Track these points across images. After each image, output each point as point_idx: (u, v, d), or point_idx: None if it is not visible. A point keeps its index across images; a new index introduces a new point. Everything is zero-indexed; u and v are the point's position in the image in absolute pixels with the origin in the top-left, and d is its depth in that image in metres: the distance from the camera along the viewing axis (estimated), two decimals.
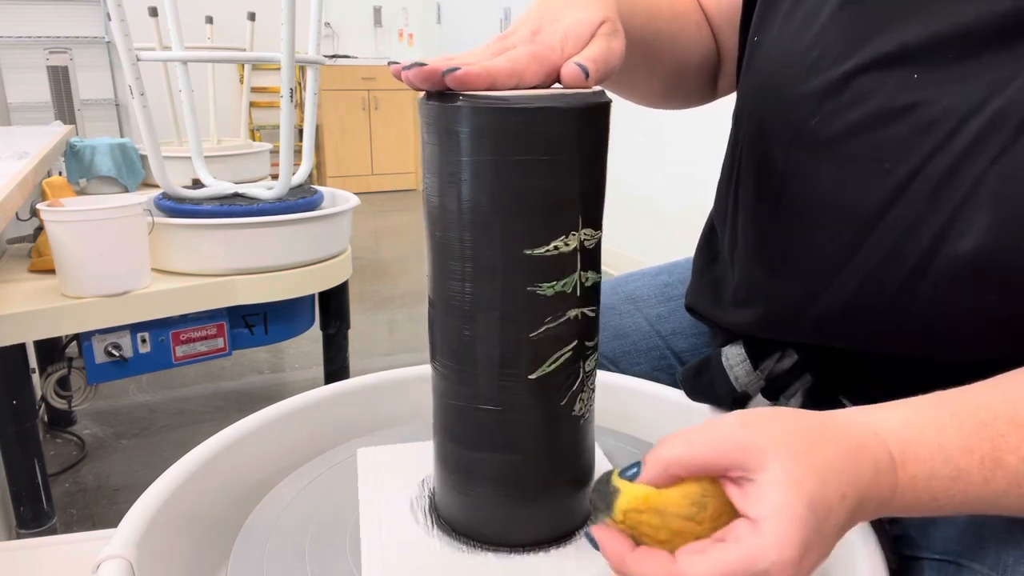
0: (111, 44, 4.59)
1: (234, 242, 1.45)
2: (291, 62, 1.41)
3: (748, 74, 0.58)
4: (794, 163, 0.52)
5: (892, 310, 0.48)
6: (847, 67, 0.48)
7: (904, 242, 0.46)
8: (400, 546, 0.47)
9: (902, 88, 0.45)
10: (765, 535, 0.33)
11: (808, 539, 0.34)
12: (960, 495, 0.38)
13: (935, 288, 0.45)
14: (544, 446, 0.45)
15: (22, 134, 1.88)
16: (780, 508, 0.34)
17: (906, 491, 0.38)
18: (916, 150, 0.45)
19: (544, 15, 0.46)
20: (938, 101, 0.44)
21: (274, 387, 2.13)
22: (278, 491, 0.55)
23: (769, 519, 0.34)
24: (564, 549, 0.47)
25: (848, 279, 0.49)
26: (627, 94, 0.67)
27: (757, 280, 0.57)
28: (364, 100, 5.23)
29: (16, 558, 0.74)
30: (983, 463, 0.38)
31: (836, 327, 0.51)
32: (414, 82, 0.40)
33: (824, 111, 0.49)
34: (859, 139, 0.47)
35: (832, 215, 0.49)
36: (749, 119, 0.57)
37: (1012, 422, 0.38)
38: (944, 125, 0.44)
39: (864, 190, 0.47)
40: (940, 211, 0.44)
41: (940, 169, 0.44)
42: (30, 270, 1.44)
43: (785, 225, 0.53)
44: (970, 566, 0.44)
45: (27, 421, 1.29)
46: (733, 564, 0.34)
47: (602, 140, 0.43)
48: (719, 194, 0.65)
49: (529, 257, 0.41)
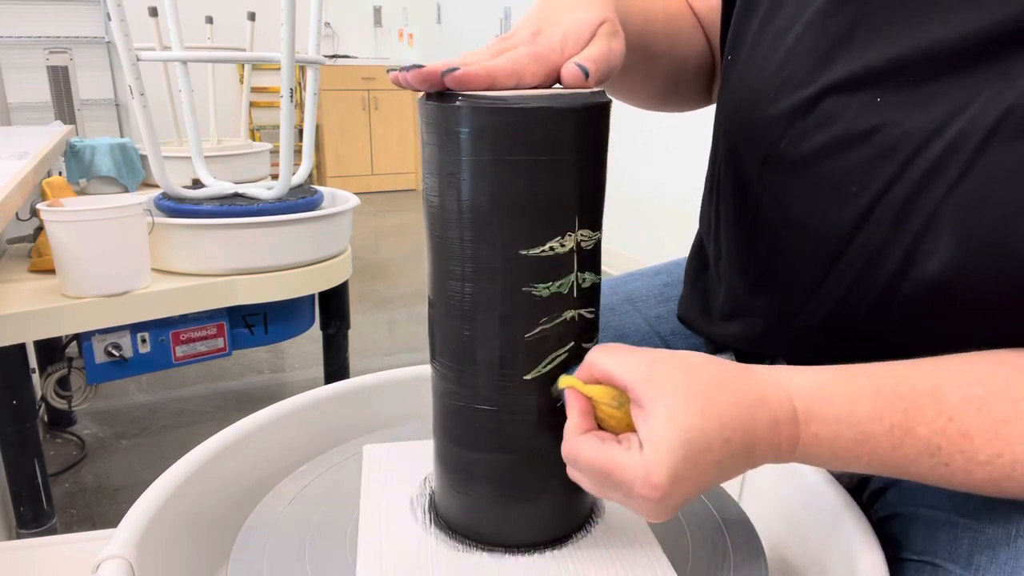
0: (111, 44, 4.59)
1: (234, 242, 1.45)
2: (291, 62, 1.41)
3: (723, 93, 0.58)
4: (767, 185, 0.52)
5: (867, 330, 0.49)
6: (813, 90, 0.48)
7: (872, 266, 0.46)
8: (396, 543, 0.47)
9: (865, 111, 0.45)
10: (639, 456, 0.39)
11: (678, 470, 0.38)
12: (867, 457, 0.40)
13: (906, 310, 0.46)
14: (540, 447, 0.45)
15: (22, 134, 1.88)
16: (657, 437, 0.39)
17: (808, 446, 0.41)
18: (879, 175, 0.45)
19: (544, 17, 0.46)
20: (899, 124, 0.44)
21: (274, 387, 2.13)
22: (278, 491, 0.55)
23: (646, 444, 0.39)
24: (560, 551, 0.47)
25: (823, 300, 0.50)
26: (626, 97, 0.67)
27: (740, 296, 0.58)
28: (364, 100, 5.23)
29: (16, 558, 0.74)
30: (892, 431, 0.40)
31: (817, 344, 0.52)
32: (413, 83, 0.40)
33: (792, 133, 0.49)
34: (825, 163, 0.47)
35: (804, 237, 0.50)
36: (725, 138, 0.58)
37: (931, 396, 0.40)
38: (904, 150, 0.44)
39: (832, 214, 0.47)
40: (904, 235, 0.44)
41: (901, 195, 0.44)
42: (30, 270, 1.45)
43: (763, 245, 0.54)
44: (944, 566, 0.44)
45: (27, 421, 1.29)
46: (608, 465, 0.40)
47: (602, 140, 0.43)
48: (703, 206, 0.65)
49: (525, 257, 0.41)
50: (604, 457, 0.40)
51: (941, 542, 0.46)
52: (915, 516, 0.49)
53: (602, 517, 0.50)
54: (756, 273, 0.56)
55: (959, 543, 0.44)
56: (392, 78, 0.42)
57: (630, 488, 0.39)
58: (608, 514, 0.51)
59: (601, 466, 0.40)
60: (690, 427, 0.38)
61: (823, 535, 0.52)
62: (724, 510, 0.53)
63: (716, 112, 0.60)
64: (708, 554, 0.48)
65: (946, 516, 0.46)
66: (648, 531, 0.49)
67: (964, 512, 0.45)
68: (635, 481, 0.39)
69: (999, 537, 0.42)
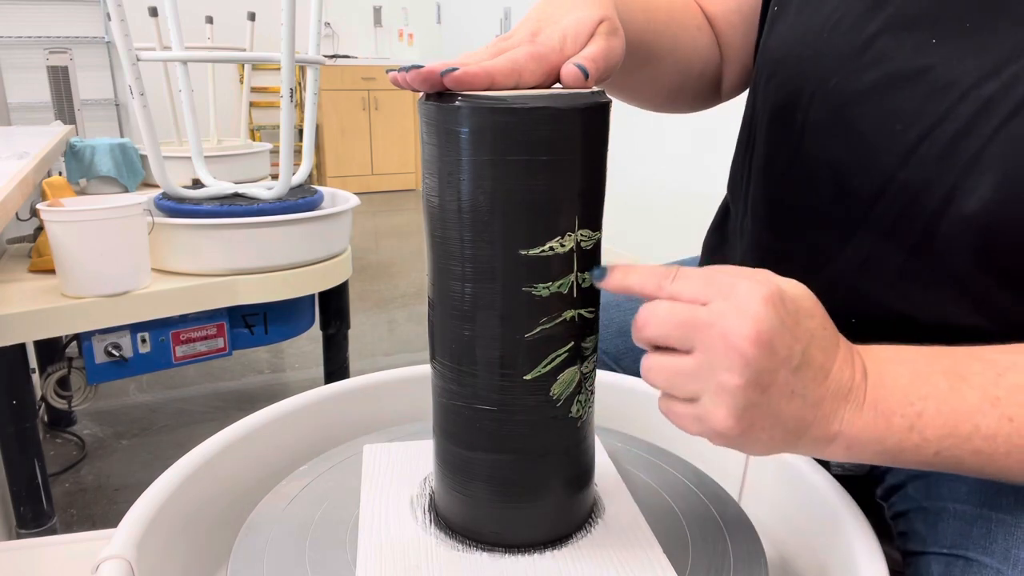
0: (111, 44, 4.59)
1: (234, 242, 1.45)
2: (291, 62, 1.41)
3: (768, 41, 0.59)
4: (812, 124, 0.52)
5: (905, 271, 0.48)
6: (870, 28, 0.49)
7: (914, 203, 0.47)
8: (396, 543, 0.47)
9: (919, 51, 0.46)
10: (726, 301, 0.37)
11: (774, 312, 0.36)
12: (933, 400, 0.39)
13: (945, 249, 0.46)
14: (540, 448, 0.45)
15: (22, 134, 1.88)
16: (749, 291, 0.37)
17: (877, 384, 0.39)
18: (929, 112, 0.46)
19: (543, 16, 0.46)
20: (954, 66, 0.45)
21: (274, 387, 2.13)
22: (278, 491, 0.55)
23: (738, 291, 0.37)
24: (560, 551, 0.47)
25: (862, 240, 0.50)
26: (630, 98, 0.67)
27: (767, 244, 0.57)
28: (364, 100, 5.23)
29: (16, 558, 0.74)
30: (946, 373, 0.39)
31: (848, 292, 0.51)
32: (412, 84, 0.40)
33: (845, 71, 0.50)
34: (875, 100, 0.48)
35: (845, 176, 0.50)
36: (768, 82, 0.58)
37: (973, 356, 0.40)
38: (958, 88, 0.44)
39: (877, 151, 0.48)
40: (949, 173, 0.45)
41: (949, 132, 0.45)
42: (30, 270, 1.45)
43: (800, 186, 0.54)
44: (979, 560, 0.44)
45: (27, 421, 1.29)
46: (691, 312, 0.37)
47: (601, 140, 0.43)
48: (734, 166, 0.65)
49: (525, 257, 0.41)
50: (687, 308, 0.38)
51: (974, 536, 0.45)
52: (943, 510, 0.49)
53: (602, 517, 0.50)
54: (790, 216, 0.55)
55: (993, 537, 0.44)
56: (391, 79, 0.42)
57: (722, 325, 0.36)
58: (608, 514, 0.51)
59: (685, 314, 0.37)
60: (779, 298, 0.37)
61: (823, 535, 0.52)
62: (724, 510, 0.53)
63: (758, 64, 0.61)
64: (708, 554, 0.48)
65: (977, 511, 0.46)
66: (648, 531, 0.49)
67: (997, 507, 0.45)
68: (727, 315, 0.36)
69: None
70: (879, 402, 0.39)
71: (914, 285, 0.49)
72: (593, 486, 0.50)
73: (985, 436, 0.38)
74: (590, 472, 0.49)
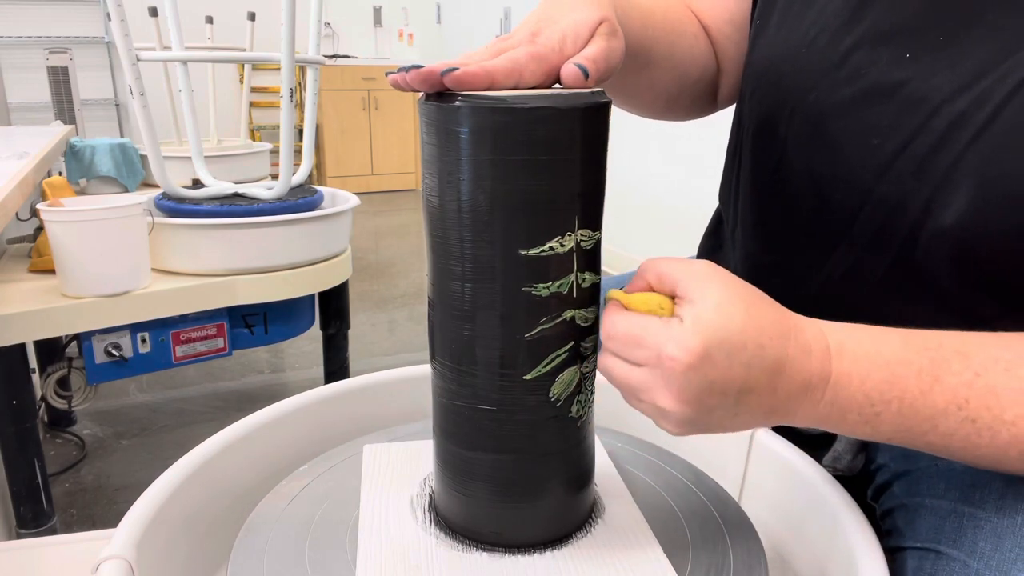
0: (111, 44, 4.59)
1: (234, 242, 1.45)
2: (291, 62, 1.41)
3: (751, 55, 0.59)
4: (793, 138, 0.53)
5: (888, 283, 0.49)
6: (846, 43, 0.49)
7: (893, 217, 0.47)
8: (396, 543, 0.47)
9: (895, 66, 0.47)
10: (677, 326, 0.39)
11: (711, 346, 0.38)
12: (896, 403, 0.40)
13: (926, 261, 0.47)
14: (539, 448, 0.45)
15: (22, 134, 1.88)
16: (699, 315, 0.39)
17: (840, 385, 0.41)
18: (903, 127, 0.46)
19: (543, 17, 0.46)
20: (927, 79, 0.45)
21: (274, 387, 2.13)
22: (278, 491, 0.55)
23: (687, 318, 0.39)
24: (559, 551, 0.47)
25: (845, 253, 0.51)
26: (628, 104, 0.67)
27: (756, 256, 0.58)
28: (364, 100, 5.23)
29: (16, 558, 0.74)
30: (920, 375, 0.40)
31: (834, 303, 0.52)
32: (412, 84, 0.40)
33: (822, 85, 0.50)
34: (852, 115, 0.49)
35: (828, 189, 0.51)
36: (751, 96, 0.58)
37: (958, 352, 0.40)
38: (931, 102, 0.45)
39: (855, 165, 0.49)
40: (924, 187, 0.45)
41: (924, 146, 0.45)
42: (30, 270, 1.45)
43: (784, 199, 0.54)
44: (948, 553, 0.45)
45: (27, 421, 1.29)
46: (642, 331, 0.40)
47: (601, 140, 0.43)
48: (724, 178, 0.66)
49: (525, 257, 0.41)
50: (640, 324, 0.41)
51: (946, 530, 0.46)
52: (920, 506, 0.49)
53: (602, 517, 0.50)
54: (776, 230, 0.56)
55: (963, 531, 0.45)
56: (391, 80, 0.42)
57: (661, 349, 0.39)
58: (608, 514, 0.51)
59: (636, 333, 0.40)
60: (732, 317, 0.39)
61: (823, 535, 0.52)
62: (724, 510, 0.53)
63: (743, 78, 0.62)
64: (708, 554, 0.48)
65: (951, 506, 0.47)
66: (648, 531, 0.49)
67: (970, 502, 0.45)
68: (668, 342, 0.39)
69: (1004, 527, 0.42)
70: (837, 401, 0.41)
71: (898, 297, 0.49)
72: (593, 486, 0.50)
73: (942, 434, 0.40)
74: (590, 472, 0.49)
